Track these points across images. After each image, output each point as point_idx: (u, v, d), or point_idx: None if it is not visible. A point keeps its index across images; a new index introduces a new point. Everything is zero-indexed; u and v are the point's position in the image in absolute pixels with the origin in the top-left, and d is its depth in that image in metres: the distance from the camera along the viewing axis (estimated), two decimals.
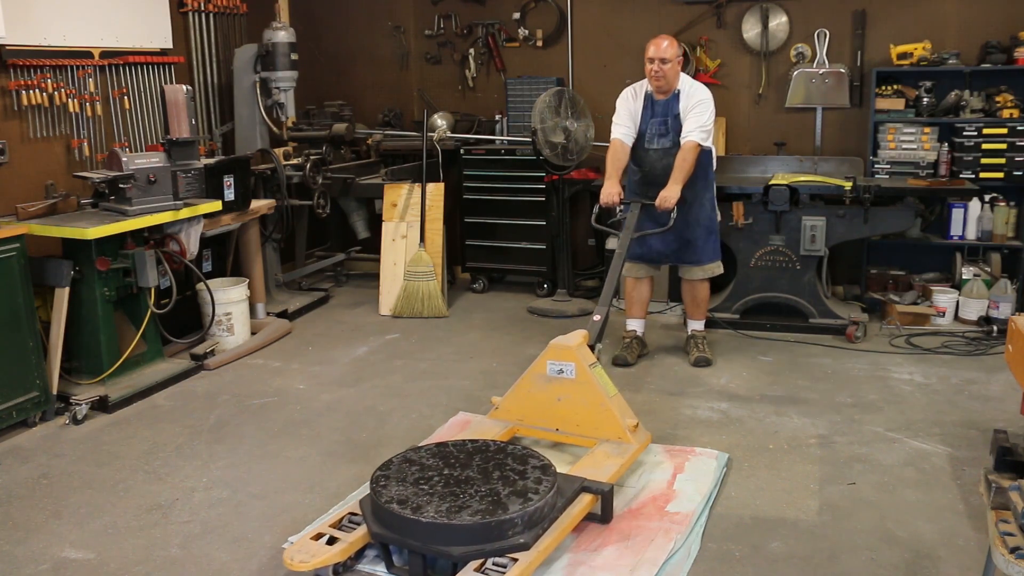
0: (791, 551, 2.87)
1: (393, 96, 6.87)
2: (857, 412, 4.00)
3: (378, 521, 2.74)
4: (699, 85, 4.54)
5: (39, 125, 4.64)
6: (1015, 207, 5.37)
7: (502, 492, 2.77)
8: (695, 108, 4.41)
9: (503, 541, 2.62)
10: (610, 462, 3.19)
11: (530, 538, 2.64)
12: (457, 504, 2.69)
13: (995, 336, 4.94)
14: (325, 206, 5.82)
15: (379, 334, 5.35)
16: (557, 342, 3.47)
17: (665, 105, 4.50)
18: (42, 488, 3.41)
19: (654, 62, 4.37)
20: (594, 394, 3.40)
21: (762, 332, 5.17)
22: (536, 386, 3.50)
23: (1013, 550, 2.15)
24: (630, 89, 4.62)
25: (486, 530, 2.61)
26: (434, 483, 2.83)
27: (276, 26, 5.80)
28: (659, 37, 4.42)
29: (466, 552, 2.60)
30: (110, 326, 4.29)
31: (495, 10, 6.48)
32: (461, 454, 3.04)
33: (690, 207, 4.54)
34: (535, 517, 2.70)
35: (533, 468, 2.92)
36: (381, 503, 2.72)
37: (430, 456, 3.02)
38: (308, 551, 2.69)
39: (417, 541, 2.64)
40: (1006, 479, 2.46)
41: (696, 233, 4.59)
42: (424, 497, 2.73)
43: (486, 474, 2.89)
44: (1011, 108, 5.20)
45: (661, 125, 4.50)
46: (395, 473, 2.90)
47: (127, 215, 4.21)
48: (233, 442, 3.82)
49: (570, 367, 3.42)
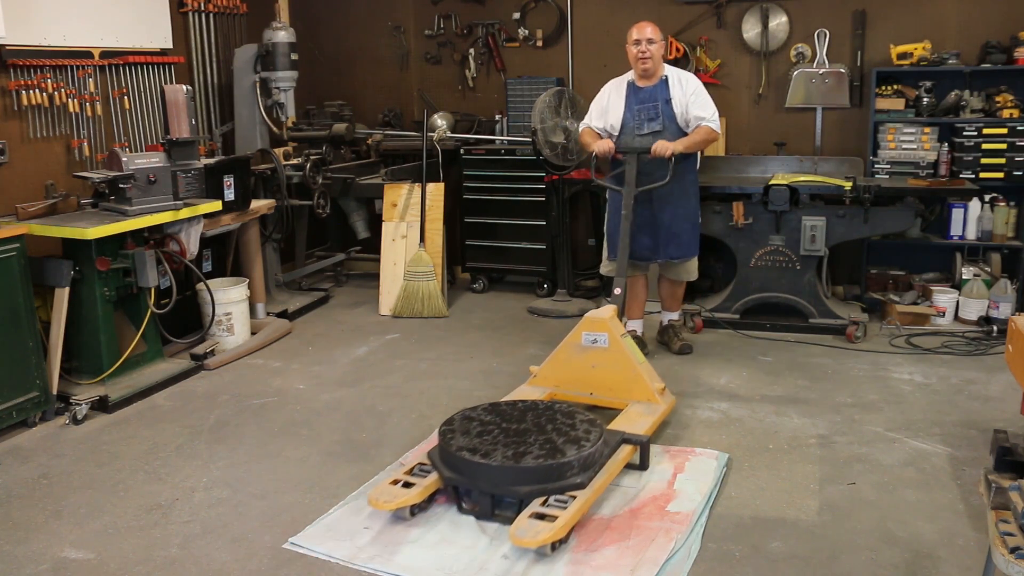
0: (791, 551, 2.87)
1: (393, 96, 6.87)
2: (857, 412, 4.00)
3: (449, 467, 3.11)
4: (687, 73, 4.57)
5: (39, 125, 4.64)
6: (1015, 207, 5.37)
7: (557, 441, 3.15)
8: (696, 97, 4.42)
9: (563, 481, 3.00)
10: (643, 420, 3.60)
11: (585, 478, 3.03)
12: (520, 451, 3.08)
13: (995, 336, 4.94)
14: (325, 206, 5.82)
15: (379, 334, 5.35)
16: (592, 315, 3.89)
17: (653, 91, 4.48)
18: (42, 488, 3.41)
19: (640, 43, 4.36)
20: (626, 361, 3.80)
21: (762, 332, 5.17)
22: (572, 355, 3.89)
23: (1013, 550, 2.15)
24: (611, 82, 4.64)
25: (548, 472, 2.99)
26: (495, 435, 3.21)
27: (276, 26, 5.80)
28: (641, 22, 4.43)
29: (531, 491, 2.96)
30: (110, 326, 4.29)
31: (495, 10, 6.48)
32: (514, 411, 3.43)
33: (679, 202, 4.57)
34: (588, 461, 3.08)
35: (581, 421, 3.31)
36: (452, 452, 3.09)
37: (486, 414, 3.41)
38: (389, 494, 3.05)
39: (487, 483, 3.03)
40: (1006, 479, 2.47)
41: (683, 227, 4.65)
42: (489, 446, 3.11)
43: (540, 427, 3.27)
44: (1011, 108, 5.20)
45: (651, 110, 4.47)
46: (459, 427, 3.28)
47: (127, 215, 4.21)
48: (233, 442, 3.82)
49: (604, 337, 3.81)
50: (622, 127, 4.55)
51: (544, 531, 2.77)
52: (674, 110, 4.47)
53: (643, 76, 4.49)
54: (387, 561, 2.83)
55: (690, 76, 4.54)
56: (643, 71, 4.46)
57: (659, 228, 4.61)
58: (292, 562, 2.86)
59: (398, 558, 2.84)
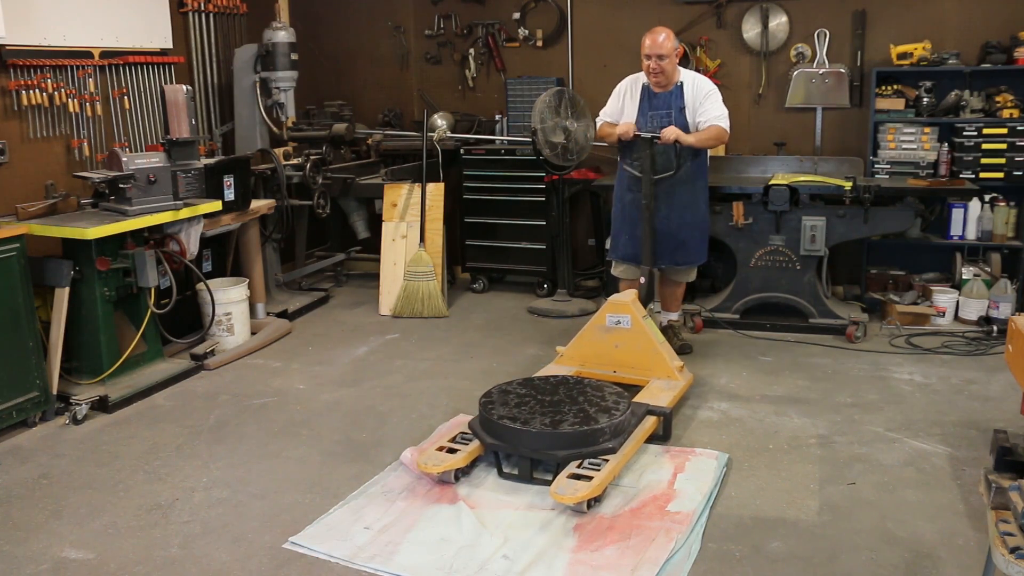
0: (791, 551, 2.87)
1: (393, 96, 6.87)
2: (857, 412, 4.00)
3: (491, 434, 3.39)
4: (703, 77, 4.57)
5: (39, 125, 4.64)
6: (1015, 207, 5.37)
7: (590, 410, 3.44)
8: (708, 99, 4.42)
9: (596, 446, 3.29)
10: (664, 394, 3.86)
11: (616, 444, 3.33)
12: (556, 419, 3.37)
13: (995, 336, 4.95)
14: (325, 206, 5.82)
15: (379, 334, 5.35)
16: (615, 298, 4.17)
17: (667, 98, 4.48)
18: (42, 488, 3.41)
19: (651, 59, 4.35)
20: (647, 340, 4.07)
21: (762, 332, 5.17)
22: (596, 336, 4.15)
23: (1013, 550, 2.15)
24: (629, 80, 4.64)
25: (583, 437, 3.28)
26: (531, 406, 3.50)
27: (276, 26, 5.80)
28: (655, 31, 4.39)
29: (568, 455, 3.25)
30: (110, 326, 4.29)
31: (495, 10, 6.48)
32: (547, 385, 3.72)
33: (688, 208, 4.57)
34: (618, 428, 3.38)
35: (610, 394, 3.62)
36: (494, 420, 3.37)
37: (521, 387, 3.70)
38: (436, 459, 3.32)
39: (527, 448, 3.30)
40: (1006, 479, 2.47)
41: (692, 235, 4.65)
42: (528, 415, 3.40)
43: (572, 399, 3.57)
44: (1011, 108, 5.20)
45: (664, 118, 4.48)
46: (497, 399, 3.57)
47: (127, 215, 4.21)
48: (233, 442, 3.82)
49: (627, 318, 4.07)
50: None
51: (582, 489, 3.04)
52: (687, 118, 4.47)
53: (656, 86, 4.50)
54: (387, 561, 2.83)
55: (705, 80, 4.54)
56: (655, 84, 4.48)
57: (667, 235, 4.58)
58: (292, 562, 2.86)
59: (398, 558, 2.84)
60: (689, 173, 4.51)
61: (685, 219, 4.58)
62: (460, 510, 3.12)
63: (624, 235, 4.73)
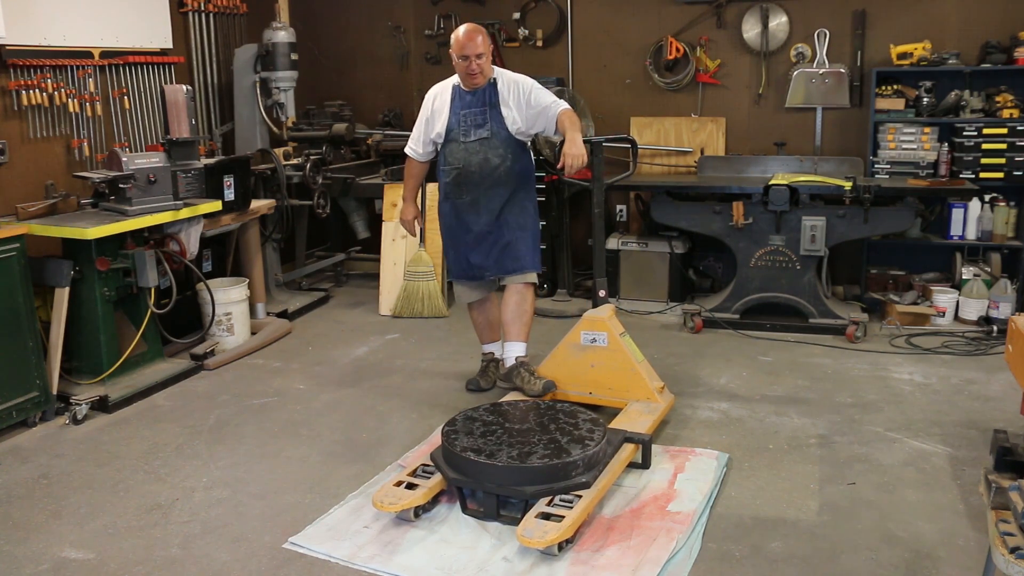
0: (791, 551, 2.87)
1: (393, 96, 6.87)
2: (857, 412, 4.00)
3: (454, 468, 3.10)
4: (516, 74, 4.19)
5: (39, 125, 4.64)
6: (1015, 207, 5.37)
7: (561, 440, 3.17)
8: (535, 92, 4.07)
9: (568, 480, 3.01)
10: (643, 418, 3.61)
11: (591, 477, 3.04)
12: (525, 451, 3.09)
13: (995, 336, 4.95)
14: (325, 206, 5.82)
15: (379, 334, 5.35)
16: (590, 315, 3.88)
17: (480, 94, 4.10)
18: (42, 488, 3.41)
19: (469, 59, 3.98)
20: (624, 360, 3.80)
21: (762, 332, 5.17)
22: (570, 355, 3.91)
23: (1013, 550, 2.15)
24: (433, 92, 4.27)
25: (553, 471, 3.00)
26: (499, 435, 3.22)
27: (276, 26, 5.81)
28: (470, 30, 4.01)
29: (537, 491, 2.97)
30: (110, 326, 4.29)
31: (495, 10, 6.48)
32: (516, 411, 3.46)
33: (507, 208, 4.13)
34: (593, 460, 3.10)
35: (584, 421, 3.33)
36: (456, 452, 3.09)
37: (488, 414, 3.43)
38: (394, 495, 3.03)
39: (493, 483, 3.02)
40: (1006, 479, 2.47)
41: (515, 235, 4.13)
42: (494, 446, 3.12)
43: (543, 427, 3.30)
44: (1011, 108, 5.20)
45: (479, 116, 4.10)
46: (462, 428, 3.30)
47: (127, 215, 4.21)
48: (233, 442, 3.82)
49: (603, 336, 3.82)
50: (447, 133, 4.15)
51: (552, 531, 2.78)
52: (503, 115, 4.07)
53: (468, 84, 4.12)
54: (387, 561, 2.83)
55: (521, 76, 4.15)
56: (472, 84, 4.10)
57: (495, 243, 4.14)
58: (292, 562, 2.86)
59: (398, 558, 2.84)
60: (515, 176, 4.14)
61: (508, 220, 4.14)
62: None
63: (451, 251, 4.29)
